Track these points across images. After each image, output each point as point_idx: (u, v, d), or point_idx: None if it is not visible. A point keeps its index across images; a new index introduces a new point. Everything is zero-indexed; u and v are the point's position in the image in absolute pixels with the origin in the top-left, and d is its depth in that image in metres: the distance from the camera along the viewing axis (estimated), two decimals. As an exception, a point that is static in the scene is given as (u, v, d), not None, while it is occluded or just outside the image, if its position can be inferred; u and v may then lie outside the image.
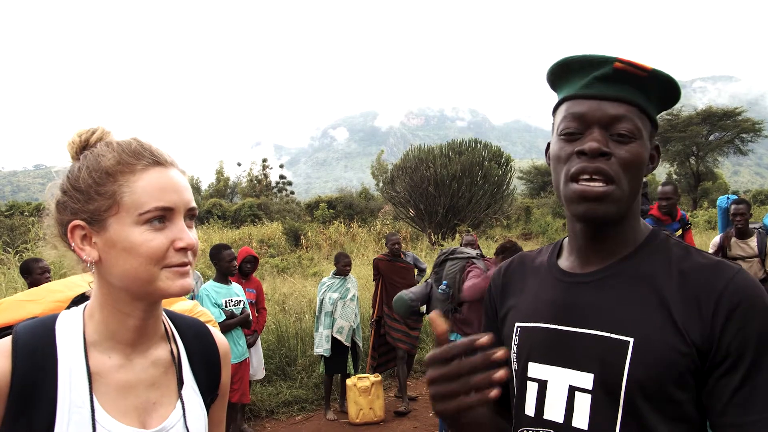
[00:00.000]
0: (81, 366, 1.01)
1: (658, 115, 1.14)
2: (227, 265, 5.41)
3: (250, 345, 5.90)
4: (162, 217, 1.02)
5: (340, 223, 26.42)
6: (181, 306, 1.45)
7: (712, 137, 39.43)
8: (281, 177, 60.13)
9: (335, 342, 6.45)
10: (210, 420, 1.20)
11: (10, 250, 11.06)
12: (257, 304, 6.16)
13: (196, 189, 57.74)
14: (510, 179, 27.28)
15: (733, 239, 5.56)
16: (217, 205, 38.46)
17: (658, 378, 0.99)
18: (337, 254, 6.91)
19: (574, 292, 1.13)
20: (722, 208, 6.27)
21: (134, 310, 1.06)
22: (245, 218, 34.86)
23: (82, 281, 1.34)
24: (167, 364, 1.13)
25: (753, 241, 5.37)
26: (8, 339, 1.00)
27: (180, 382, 1.14)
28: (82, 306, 1.11)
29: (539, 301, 1.19)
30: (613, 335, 1.04)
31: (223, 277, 5.48)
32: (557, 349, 1.11)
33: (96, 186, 1.02)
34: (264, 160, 59.76)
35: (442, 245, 18.98)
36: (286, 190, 58.38)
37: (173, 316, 1.23)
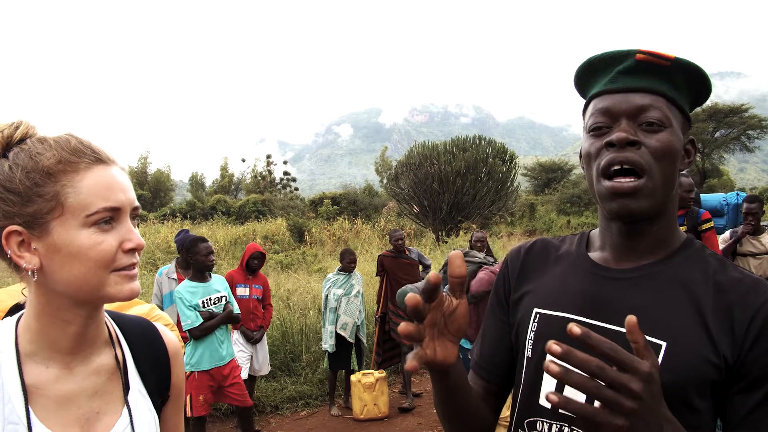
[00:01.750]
0: (15, 380, 0.95)
1: None
2: (203, 259, 4.86)
3: (256, 341, 5.93)
4: (110, 218, 0.97)
5: (344, 219, 26.46)
6: (138, 310, 1.36)
7: (717, 134, 39.27)
8: (285, 173, 60.13)
9: (340, 338, 6.47)
10: (164, 424, 1.15)
11: None
12: (263, 300, 6.15)
13: (200, 185, 57.88)
14: (514, 176, 27.22)
15: (724, 236, 5.53)
16: (221, 201, 38.53)
17: (683, 384, 0.97)
18: (343, 251, 6.91)
19: (606, 287, 1.10)
20: (731, 205, 6.26)
21: (76, 316, 1.00)
22: (249, 214, 34.92)
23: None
24: (111, 369, 1.07)
25: (765, 238, 5.32)
26: None
27: (126, 388, 1.08)
28: (15, 317, 1.04)
29: (565, 291, 1.16)
30: (645, 337, 1.02)
31: (199, 274, 4.93)
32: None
33: (35, 187, 0.94)
34: (268, 157, 59.81)
35: (446, 242, 18.98)
36: (290, 187, 58.38)
37: (117, 317, 1.16)
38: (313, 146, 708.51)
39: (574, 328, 0.77)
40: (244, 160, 61.60)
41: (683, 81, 1.08)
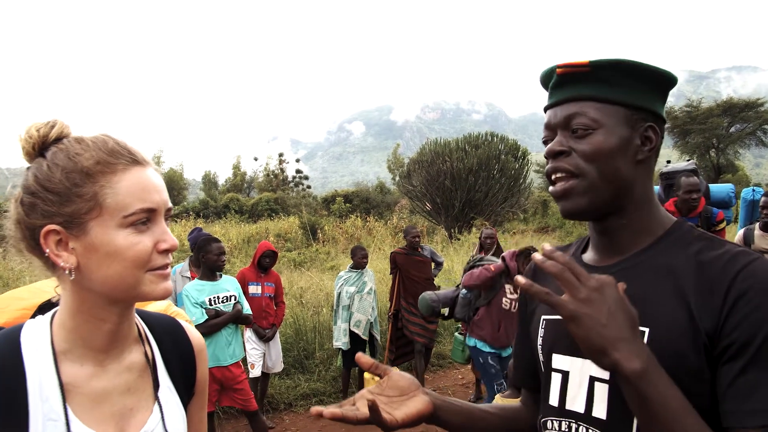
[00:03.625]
0: (52, 377, 0.96)
1: (680, 108, 1.15)
2: (215, 259, 4.88)
3: (268, 339, 5.94)
4: (146, 218, 0.98)
5: (357, 217, 26.49)
6: (155, 307, 1.38)
7: (732, 129, 38.88)
8: (298, 171, 60.29)
9: (353, 335, 6.47)
10: (189, 420, 1.17)
11: None
12: (276, 297, 6.16)
13: (213, 183, 58.16)
14: (527, 172, 27.13)
15: (757, 232, 5.38)
16: (234, 199, 38.67)
17: (672, 369, 0.96)
18: (354, 247, 6.91)
19: None
20: (746, 200, 6.12)
21: (110, 315, 1.01)
22: (262, 213, 35.04)
23: (49, 287, 1.24)
24: (142, 367, 1.09)
25: None
26: None
27: (156, 385, 1.10)
28: (48, 314, 1.05)
29: (562, 294, 1.18)
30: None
31: (209, 273, 4.94)
32: None
33: (74, 187, 0.95)
34: (280, 155, 59.97)
35: (458, 239, 18.95)
36: (302, 185, 58.53)
37: (145, 316, 1.18)
38: (326, 144, 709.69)
39: (546, 246, 0.98)
40: (256, 159, 61.78)
41: (619, 77, 1.10)
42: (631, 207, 1.12)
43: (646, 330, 1.02)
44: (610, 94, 1.10)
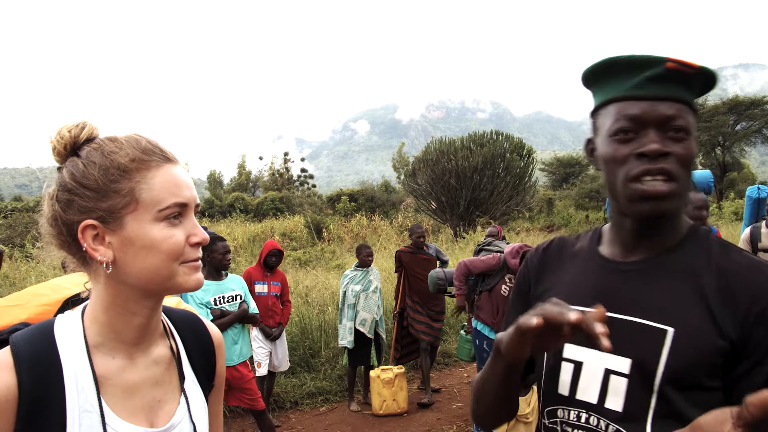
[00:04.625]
0: (86, 370, 0.99)
1: None
2: (220, 258, 4.85)
3: (275, 338, 5.95)
4: (178, 213, 1.03)
5: (362, 215, 26.51)
6: (167, 302, 1.44)
7: (738, 127, 38.68)
8: (303, 170, 60.32)
9: (358, 334, 6.48)
10: (209, 411, 1.20)
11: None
12: (282, 296, 6.16)
13: (218, 183, 58.26)
14: (532, 171, 27.10)
15: (764, 230, 5.36)
16: (239, 198, 38.75)
17: (693, 367, 1.01)
18: (359, 246, 6.91)
19: (614, 279, 1.16)
20: (752, 199, 6.09)
21: (142, 308, 1.05)
22: (267, 212, 35.09)
23: (67, 283, 1.29)
24: (168, 360, 1.13)
25: None
26: (7, 351, 0.96)
27: (181, 377, 1.14)
28: (79, 308, 1.08)
29: (579, 285, 1.22)
30: (653, 323, 1.06)
31: (214, 272, 4.91)
32: None
33: (111, 183, 0.99)
34: (285, 154, 60.01)
35: (464, 237, 18.94)
36: (307, 184, 58.56)
37: (168, 311, 1.22)
38: (330, 143, 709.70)
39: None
40: (261, 158, 61.82)
41: (699, 86, 1.12)
42: (677, 211, 1.14)
43: (671, 330, 1.04)
44: (692, 101, 1.11)
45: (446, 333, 8.59)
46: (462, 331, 6.12)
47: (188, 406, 1.12)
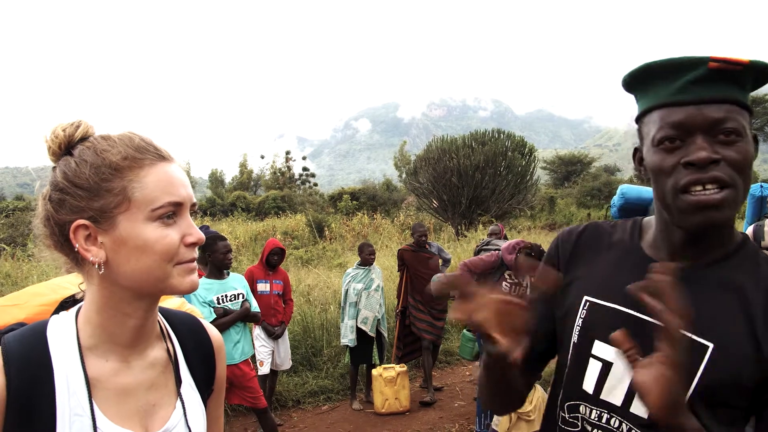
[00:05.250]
0: (78, 373, 0.98)
1: None
2: (222, 258, 4.87)
3: (277, 336, 5.95)
4: (173, 212, 1.00)
5: (364, 214, 26.48)
6: (170, 303, 1.39)
7: (740, 125, 38.65)
8: (304, 169, 60.34)
9: (360, 332, 6.48)
10: (207, 416, 1.18)
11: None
12: (284, 295, 6.17)
13: (220, 182, 58.29)
14: (533, 169, 27.07)
15: (767, 228, 5.34)
16: (241, 197, 38.75)
17: (726, 386, 0.98)
18: (361, 244, 6.91)
19: None
20: (754, 197, 6.08)
21: (136, 310, 1.03)
22: (269, 210, 35.09)
23: (67, 283, 1.26)
24: (164, 363, 1.10)
25: None
26: None
27: (178, 381, 1.11)
28: (73, 310, 1.06)
29: (617, 281, 1.15)
30: (693, 337, 1.01)
31: (216, 271, 4.94)
32: (630, 335, 1.10)
33: (102, 182, 0.97)
34: (287, 153, 60.06)
35: (465, 236, 18.93)
36: (309, 182, 58.59)
37: (166, 313, 1.19)
38: (332, 141, 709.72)
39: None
40: (263, 157, 61.86)
41: (751, 82, 1.05)
42: (730, 220, 1.08)
43: (710, 345, 1.00)
44: (745, 99, 1.04)
45: (448, 331, 8.59)
46: (464, 330, 6.12)
47: (184, 410, 1.09)
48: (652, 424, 1.03)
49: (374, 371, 6.35)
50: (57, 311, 1.17)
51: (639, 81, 1.11)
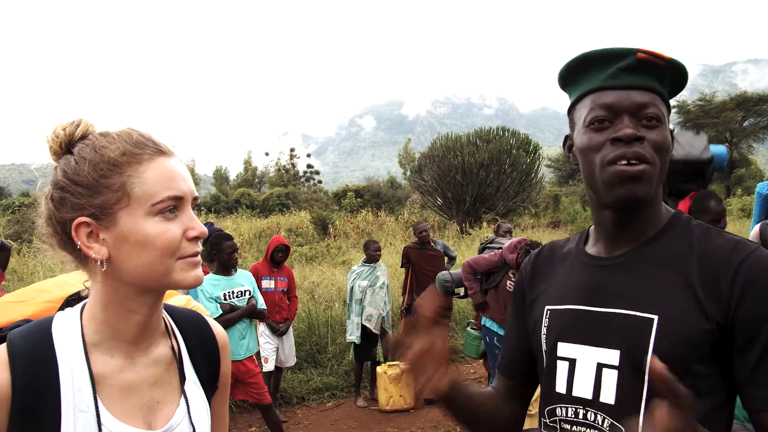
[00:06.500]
0: (83, 369, 0.98)
1: (693, 102, 1.17)
2: (227, 257, 4.96)
3: (282, 333, 5.97)
4: (174, 207, 1.00)
5: (368, 211, 26.47)
6: (176, 300, 1.39)
7: (746, 123, 38.48)
8: (309, 166, 60.42)
9: (365, 329, 6.49)
10: (212, 413, 1.18)
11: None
12: (289, 292, 6.18)
13: (224, 179, 58.40)
14: (538, 167, 27.04)
15: None
16: (245, 194, 38.85)
17: (681, 354, 1.02)
18: (366, 241, 6.92)
19: (600, 275, 1.18)
20: (761, 195, 6.05)
21: (141, 306, 1.03)
22: (273, 207, 35.13)
23: (73, 280, 1.26)
24: (168, 360, 1.10)
25: None
26: (3, 348, 0.96)
27: (182, 378, 1.11)
28: (78, 306, 1.06)
29: (568, 285, 1.24)
30: (638, 313, 1.08)
31: (223, 268, 5.02)
32: (585, 329, 1.16)
33: (102, 179, 0.97)
34: (291, 150, 60.15)
35: (470, 233, 18.92)
36: (313, 180, 58.65)
37: (171, 310, 1.19)
38: (336, 139, 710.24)
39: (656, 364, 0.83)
40: (267, 154, 61.95)
41: (669, 78, 1.15)
42: (654, 200, 1.16)
43: (656, 317, 1.06)
44: (665, 94, 1.15)
45: (453, 330, 8.59)
46: (469, 328, 6.12)
47: (188, 407, 1.09)
48: (618, 409, 1.07)
49: (379, 368, 6.36)
50: (62, 308, 1.18)
51: (575, 71, 1.20)
